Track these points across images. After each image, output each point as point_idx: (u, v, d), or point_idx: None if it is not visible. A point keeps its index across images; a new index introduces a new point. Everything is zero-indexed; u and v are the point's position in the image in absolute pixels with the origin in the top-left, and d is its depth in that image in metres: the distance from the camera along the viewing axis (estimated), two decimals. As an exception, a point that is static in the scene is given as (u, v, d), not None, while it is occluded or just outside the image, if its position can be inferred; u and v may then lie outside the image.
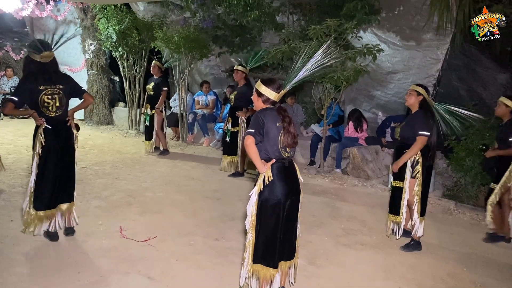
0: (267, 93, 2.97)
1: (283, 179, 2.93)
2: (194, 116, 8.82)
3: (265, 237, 2.95)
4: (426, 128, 3.99)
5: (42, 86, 3.64)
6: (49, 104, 3.68)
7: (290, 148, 2.97)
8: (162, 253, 3.81)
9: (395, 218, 4.26)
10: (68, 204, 3.95)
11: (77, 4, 9.56)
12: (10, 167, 6.23)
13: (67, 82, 3.84)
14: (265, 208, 2.92)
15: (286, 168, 2.97)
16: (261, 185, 2.93)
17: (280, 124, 2.91)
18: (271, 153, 2.92)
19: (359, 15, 6.65)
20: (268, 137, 2.89)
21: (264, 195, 2.92)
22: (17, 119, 10.50)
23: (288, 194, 2.94)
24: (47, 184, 3.75)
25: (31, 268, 3.41)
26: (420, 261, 4.01)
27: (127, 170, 6.50)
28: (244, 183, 6.17)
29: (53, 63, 3.76)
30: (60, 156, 3.78)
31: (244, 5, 7.70)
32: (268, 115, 2.91)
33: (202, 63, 9.77)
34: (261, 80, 3.03)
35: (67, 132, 3.84)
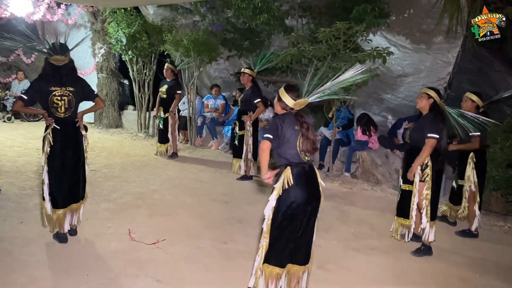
0: (285, 99, 2.99)
1: (303, 184, 2.89)
2: (203, 119, 8.83)
3: (278, 241, 2.92)
4: (435, 131, 3.96)
5: (52, 87, 3.72)
6: (58, 105, 3.74)
7: (310, 154, 2.96)
8: (170, 256, 3.80)
9: (404, 221, 4.23)
10: (77, 204, 3.98)
11: (88, 8, 9.65)
12: (20, 170, 6.28)
13: (79, 85, 3.88)
14: (283, 213, 2.88)
15: (306, 173, 2.94)
16: (280, 189, 2.89)
17: (298, 128, 2.92)
18: (290, 157, 2.91)
19: (369, 18, 6.61)
20: (286, 141, 2.90)
21: (283, 199, 2.88)
22: (28, 122, 10.61)
23: (308, 199, 2.90)
24: (56, 182, 3.80)
25: (40, 270, 3.42)
26: (431, 266, 3.95)
27: (136, 173, 6.51)
28: (253, 187, 6.15)
29: (67, 66, 3.81)
30: (68, 156, 3.83)
31: (253, 9, 7.70)
32: (285, 119, 2.94)
33: (211, 67, 9.78)
34: (284, 86, 3.06)
35: (75, 133, 3.88)
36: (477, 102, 4.56)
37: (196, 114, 8.73)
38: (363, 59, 6.03)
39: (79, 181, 3.96)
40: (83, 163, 3.97)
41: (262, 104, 6.27)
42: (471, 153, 4.59)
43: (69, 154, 3.83)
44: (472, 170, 4.60)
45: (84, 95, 3.94)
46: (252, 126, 6.28)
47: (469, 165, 4.60)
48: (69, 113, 3.81)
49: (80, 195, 4.00)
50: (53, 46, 3.74)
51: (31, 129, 9.72)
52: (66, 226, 3.91)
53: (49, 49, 3.74)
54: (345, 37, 6.07)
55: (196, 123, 8.73)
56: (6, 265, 3.46)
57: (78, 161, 3.91)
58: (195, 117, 8.69)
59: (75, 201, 3.95)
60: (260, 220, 4.76)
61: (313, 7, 8.03)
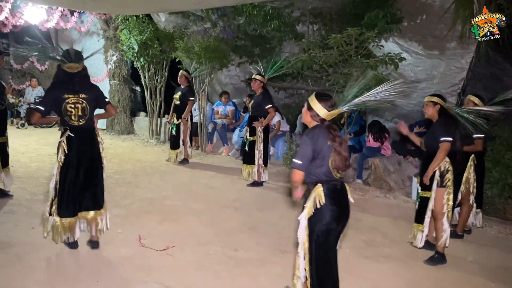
0: (317, 109, 2.76)
1: (335, 203, 2.72)
2: (214, 125, 8.84)
3: (320, 267, 2.76)
4: (447, 134, 3.94)
5: (65, 94, 3.67)
6: (72, 113, 3.69)
7: (341, 171, 2.77)
8: (180, 262, 3.77)
9: (421, 227, 4.20)
10: (95, 212, 3.87)
11: (100, 15, 9.76)
12: (33, 175, 6.33)
13: (92, 92, 3.83)
14: (317, 234, 2.72)
15: (338, 191, 2.77)
16: (312, 208, 2.73)
17: (330, 143, 2.71)
18: (322, 175, 2.72)
19: (381, 24, 6.57)
20: (318, 158, 2.70)
21: (315, 219, 2.72)
22: (41, 128, 10.72)
23: (340, 218, 2.75)
24: (68, 191, 3.73)
25: (50, 275, 3.42)
26: (446, 275, 3.86)
27: (147, 179, 6.52)
28: (263, 193, 6.11)
29: (80, 74, 3.76)
30: (83, 164, 3.75)
31: (264, 15, 7.72)
32: (317, 135, 2.72)
33: (222, 73, 9.81)
34: (315, 94, 2.83)
35: (90, 140, 3.83)
36: (478, 105, 4.55)
37: (206, 121, 8.74)
38: (375, 65, 5.99)
39: (96, 189, 3.86)
40: (100, 171, 3.89)
41: (273, 110, 6.25)
42: (471, 155, 4.56)
43: (83, 162, 3.76)
44: (472, 172, 4.57)
45: (98, 102, 3.90)
46: (263, 132, 6.26)
47: (470, 167, 4.57)
48: (84, 121, 3.75)
49: (98, 204, 3.89)
50: (67, 54, 3.71)
51: (44, 135, 9.82)
52: (77, 233, 3.85)
53: (63, 57, 3.70)
54: (356, 43, 6.04)
55: (206, 129, 8.74)
56: (16, 270, 3.46)
57: (94, 169, 3.83)
58: (206, 123, 8.70)
59: (90, 209, 3.84)
60: (262, 227, 4.74)
61: (324, 13, 8.02)
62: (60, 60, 3.71)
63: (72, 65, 3.69)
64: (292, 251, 4.12)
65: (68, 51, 3.74)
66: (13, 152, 7.58)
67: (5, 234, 4.15)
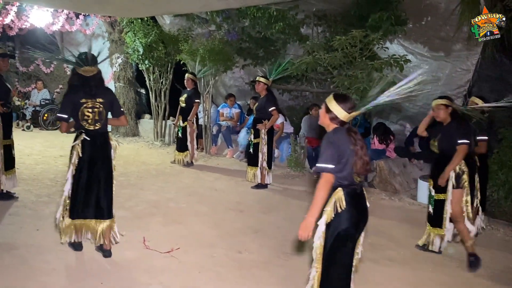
0: (336, 111, 2.66)
1: (355, 207, 2.66)
2: (219, 128, 8.84)
3: (336, 274, 2.69)
4: (464, 137, 3.94)
5: (83, 99, 3.62)
6: (89, 117, 3.64)
7: (361, 175, 2.71)
8: (184, 264, 3.76)
9: (439, 231, 4.17)
10: (109, 221, 3.80)
11: (105, 18, 9.79)
12: (37, 177, 6.35)
13: (108, 96, 3.79)
14: (335, 240, 2.64)
15: (357, 195, 2.70)
16: (332, 213, 2.64)
17: (352, 148, 2.62)
18: (343, 179, 2.64)
19: (385, 26, 6.55)
20: (341, 162, 2.61)
21: (335, 224, 2.63)
22: (46, 131, 10.76)
23: (359, 223, 2.70)
24: (80, 194, 3.70)
25: (54, 278, 3.42)
26: (452, 278, 3.83)
27: (152, 181, 6.52)
28: (268, 195, 6.10)
29: (96, 77, 3.71)
30: (95, 168, 3.71)
31: (268, 18, 7.72)
32: (339, 139, 2.63)
33: (226, 75, 9.82)
34: (333, 95, 2.74)
35: (104, 145, 3.78)
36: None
37: (211, 123, 8.75)
38: (379, 67, 5.97)
39: (105, 197, 3.79)
40: (110, 179, 3.83)
41: (277, 112, 6.24)
42: (474, 156, 4.46)
43: (96, 167, 3.71)
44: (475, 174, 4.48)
45: (112, 108, 3.83)
46: (267, 135, 6.25)
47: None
48: (99, 125, 3.71)
49: (106, 213, 3.79)
50: (84, 57, 3.64)
51: (49, 137, 9.86)
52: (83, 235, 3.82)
53: (79, 60, 3.63)
54: (361, 45, 6.02)
55: (211, 131, 8.74)
56: (21, 272, 3.46)
57: (106, 175, 3.78)
58: (210, 125, 8.70)
59: (99, 217, 3.77)
60: (266, 230, 4.73)
61: (328, 15, 8.01)
62: (76, 63, 3.64)
63: (88, 68, 3.63)
64: (296, 254, 4.11)
65: (85, 54, 3.67)
66: (18, 154, 7.59)
67: (10, 236, 4.16)
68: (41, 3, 7.62)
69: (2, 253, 3.77)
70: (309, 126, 7.71)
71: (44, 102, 11.13)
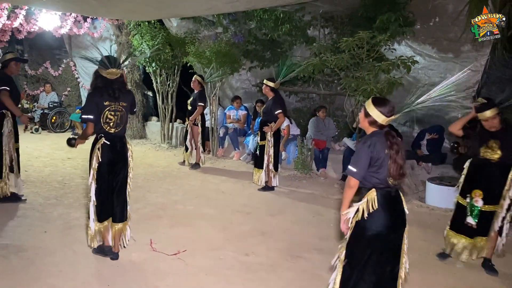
0: (375, 115, 2.66)
1: (387, 209, 2.63)
2: (225, 130, 8.84)
3: (356, 272, 2.67)
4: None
5: (107, 101, 3.60)
6: (111, 120, 3.62)
7: (395, 179, 2.67)
8: (191, 267, 3.75)
9: (484, 240, 4.03)
10: (121, 224, 3.80)
11: (113, 21, 9.85)
12: (46, 180, 6.38)
13: (130, 99, 3.77)
14: (361, 239, 2.64)
15: (392, 198, 2.68)
16: (363, 211, 2.63)
17: (388, 152, 2.62)
18: (377, 182, 2.65)
19: (393, 27, 6.52)
20: (375, 165, 2.62)
21: (365, 224, 2.62)
22: (54, 133, 10.83)
23: (392, 226, 2.65)
24: (103, 197, 3.69)
25: (62, 280, 3.42)
26: (462, 281, 3.78)
27: (159, 183, 6.53)
28: (275, 198, 6.08)
29: (119, 80, 3.69)
30: (114, 172, 3.70)
31: (275, 20, 7.72)
32: (375, 142, 2.63)
33: (233, 78, 9.82)
34: (372, 99, 2.74)
35: (123, 148, 3.76)
36: None
37: (218, 125, 8.75)
38: (387, 69, 5.94)
39: (119, 200, 3.77)
40: (125, 183, 3.81)
41: (283, 115, 6.22)
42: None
43: (114, 171, 3.70)
44: None
45: (131, 110, 3.84)
46: (274, 137, 6.24)
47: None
48: (120, 128, 3.70)
49: (119, 216, 3.79)
50: (108, 59, 3.61)
51: (57, 140, 9.92)
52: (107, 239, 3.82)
53: (105, 62, 3.60)
54: (368, 46, 5.99)
55: (218, 134, 8.74)
56: (29, 274, 3.48)
57: (124, 178, 3.77)
58: (217, 128, 8.70)
59: (117, 220, 3.78)
60: (273, 232, 4.71)
61: (335, 17, 7.99)
62: (101, 65, 3.62)
63: (113, 70, 3.61)
64: (304, 257, 4.09)
65: (109, 57, 3.65)
66: (27, 156, 7.70)
67: (18, 238, 4.18)
68: (50, 7, 7.67)
69: (10, 255, 3.79)
70: (316, 128, 7.68)
71: (52, 105, 11.21)
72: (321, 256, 4.11)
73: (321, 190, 6.54)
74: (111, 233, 3.81)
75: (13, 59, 5.08)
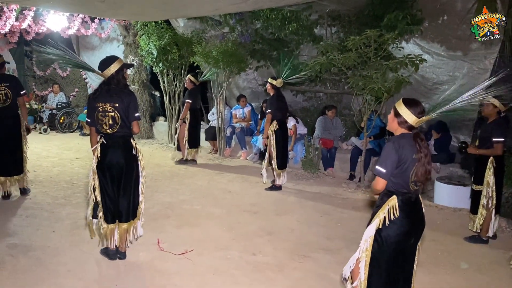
0: (405, 115, 2.63)
1: (408, 216, 2.62)
2: (232, 129, 8.84)
3: (380, 280, 2.67)
4: None
5: (98, 103, 3.61)
6: (102, 121, 3.61)
7: (421, 183, 2.65)
8: (198, 266, 3.76)
9: None
10: (126, 225, 3.76)
11: (120, 21, 9.88)
12: (54, 180, 6.42)
13: (125, 100, 3.64)
14: (384, 246, 2.63)
15: (412, 203, 2.66)
16: (384, 219, 2.62)
17: (416, 156, 2.58)
18: (399, 186, 2.62)
19: (401, 25, 6.47)
20: (400, 168, 2.59)
21: (387, 231, 2.62)
22: (62, 133, 10.90)
23: (411, 232, 2.65)
24: (105, 198, 3.68)
25: (70, 279, 3.44)
26: (469, 282, 3.75)
27: (166, 183, 6.55)
28: (282, 197, 6.06)
29: (109, 81, 3.64)
30: (115, 172, 3.65)
31: (282, 19, 7.70)
32: (404, 145, 2.59)
33: (240, 77, 9.82)
34: (403, 99, 2.70)
35: (123, 148, 3.68)
36: (499, 107, 4.41)
37: (225, 125, 8.75)
38: (394, 67, 5.90)
39: (124, 200, 3.71)
40: (133, 181, 3.75)
41: (271, 114, 6.22)
42: (490, 157, 4.44)
43: (115, 170, 3.65)
44: (492, 175, 4.45)
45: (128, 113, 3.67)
46: (275, 135, 6.24)
47: (489, 170, 4.45)
48: (115, 129, 3.62)
49: (124, 216, 3.73)
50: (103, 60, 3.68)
51: (65, 140, 10.00)
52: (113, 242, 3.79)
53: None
54: (375, 44, 5.96)
55: (225, 133, 8.74)
56: (37, 273, 3.50)
57: (126, 178, 3.70)
58: (224, 127, 8.71)
59: (123, 220, 3.73)
60: (280, 232, 4.70)
61: (342, 15, 7.95)
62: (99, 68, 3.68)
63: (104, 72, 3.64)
64: (311, 257, 4.07)
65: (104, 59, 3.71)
66: (35, 157, 7.77)
67: (27, 238, 4.21)
68: (57, 8, 7.71)
69: (18, 255, 3.82)
70: (323, 127, 7.65)
71: (61, 105, 11.28)
72: (329, 256, 4.10)
73: (329, 189, 6.51)
74: (116, 233, 3.77)
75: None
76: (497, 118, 4.43)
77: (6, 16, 7.86)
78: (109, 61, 3.67)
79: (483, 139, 4.51)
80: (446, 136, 7.02)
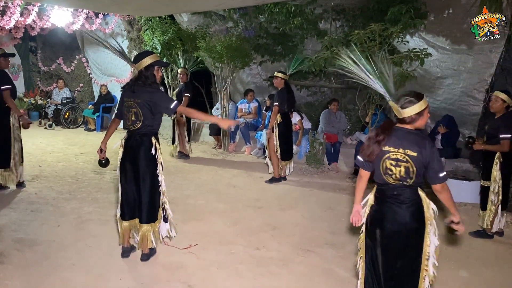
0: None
1: (381, 204, 2.70)
2: (237, 124, 8.83)
3: (366, 267, 2.77)
4: None
5: (125, 97, 3.61)
6: (126, 117, 3.59)
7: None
8: (202, 261, 3.77)
9: None
10: (146, 226, 3.64)
11: (124, 17, 9.88)
12: (59, 174, 6.46)
13: (147, 97, 3.52)
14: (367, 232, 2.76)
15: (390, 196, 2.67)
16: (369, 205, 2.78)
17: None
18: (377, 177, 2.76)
19: (405, 19, 6.42)
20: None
21: (367, 217, 2.76)
22: (67, 129, 10.94)
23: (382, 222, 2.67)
24: (123, 194, 3.67)
25: (75, 273, 3.47)
26: (475, 277, 3.74)
27: (170, 178, 6.55)
28: (286, 192, 6.07)
29: (139, 76, 3.58)
30: (132, 169, 3.61)
31: (286, 13, 7.66)
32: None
33: (244, 72, 9.79)
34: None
35: (139, 146, 3.59)
36: (508, 102, 4.34)
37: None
38: (399, 61, 5.87)
39: (141, 200, 3.62)
40: (151, 181, 3.63)
41: (278, 108, 6.23)
42: (497, 153, 4.39)
43: (133, 167, 3.60)
44: (498, 171, 4.40)
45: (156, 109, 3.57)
46: (278, 127, 6.27)
47: (496, 165, 4.40)
48: (137, 126, 3.56)
49: (144, 217, 3.64)
50: (137, 55, 3.70)
51: (70, 135, 10.04)
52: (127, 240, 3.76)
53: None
54: (380, 39, 5.92)
55: (229, 128, 8.73)
56: (43, 268, 3.53)
57: (143, 177, 3.59)
58: (229, 122, 8.70)
59: (142, 221, 3.64)
60: (284, 226, 4.70)
61: (346, 10, 7.90)
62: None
63: (136, 65, 3.64)
64: (315, 251, 4.08)
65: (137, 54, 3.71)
66: (40, 152, 7.82)
67: (32, 232, 4.25)
68: (62, 3, 7.72)
69: (24, 249, 3.85)
70: (327, 120, 7.63)
71: (65, 101, 11.31)
72: (333, 250, 4.10)
73: (333, 184, 6.51)
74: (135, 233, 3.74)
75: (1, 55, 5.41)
76: (506, 113, 4.36)
77: (10, 11, 7.88)
78: (143, 55, 3.62)
79: (490, 134, 4.47)
80: (453, 131, 6.98)
